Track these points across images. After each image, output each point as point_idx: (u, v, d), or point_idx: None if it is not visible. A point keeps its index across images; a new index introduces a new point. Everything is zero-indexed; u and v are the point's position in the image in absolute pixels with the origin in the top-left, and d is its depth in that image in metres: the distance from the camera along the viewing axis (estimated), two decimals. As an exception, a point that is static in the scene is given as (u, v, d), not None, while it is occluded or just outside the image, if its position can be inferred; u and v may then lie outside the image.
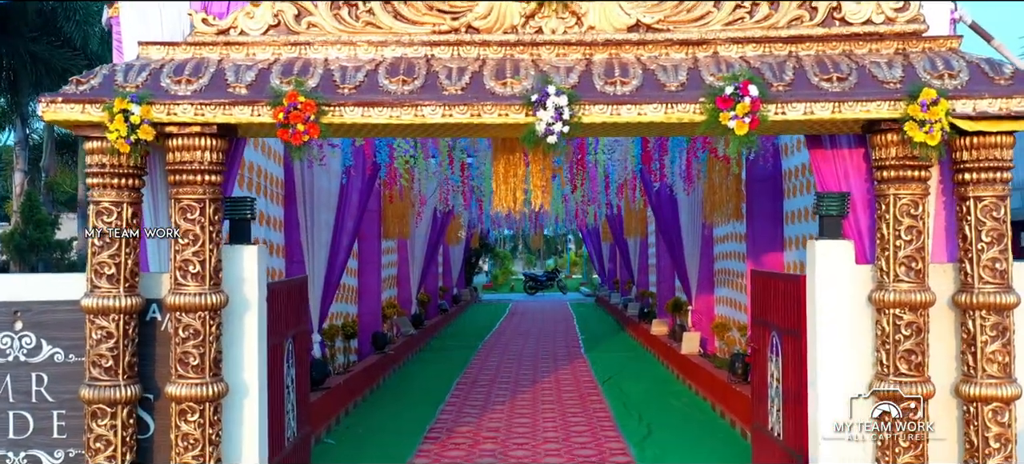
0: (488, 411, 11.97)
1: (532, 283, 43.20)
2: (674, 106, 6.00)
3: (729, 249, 14.73)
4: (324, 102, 5.98)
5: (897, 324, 6.08)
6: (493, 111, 6.01)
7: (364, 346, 15.41)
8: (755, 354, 8.27)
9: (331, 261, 11.32)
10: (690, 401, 12.60)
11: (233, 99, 6.03)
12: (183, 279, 6.11)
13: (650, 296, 22.50)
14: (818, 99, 5.99)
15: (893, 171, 6.09)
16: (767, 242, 11.34)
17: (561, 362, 17.16)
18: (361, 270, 15.80)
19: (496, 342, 21.06)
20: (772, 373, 7.69)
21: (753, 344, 8.29)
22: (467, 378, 15.07)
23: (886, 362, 6.12)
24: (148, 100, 5.96)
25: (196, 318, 6.10)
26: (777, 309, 7.51)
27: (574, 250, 63.34)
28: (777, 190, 11.34)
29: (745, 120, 5.88)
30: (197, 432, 6.12)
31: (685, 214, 15.50)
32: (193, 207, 6.11)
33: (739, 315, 13.89)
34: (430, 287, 24.25)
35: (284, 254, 11.24)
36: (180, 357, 6.13)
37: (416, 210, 17.06)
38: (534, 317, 28.60)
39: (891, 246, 6.10)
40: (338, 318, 14.29)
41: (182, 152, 6.08)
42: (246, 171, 9.68)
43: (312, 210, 11.23)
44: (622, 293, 27.48)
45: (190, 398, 6.10)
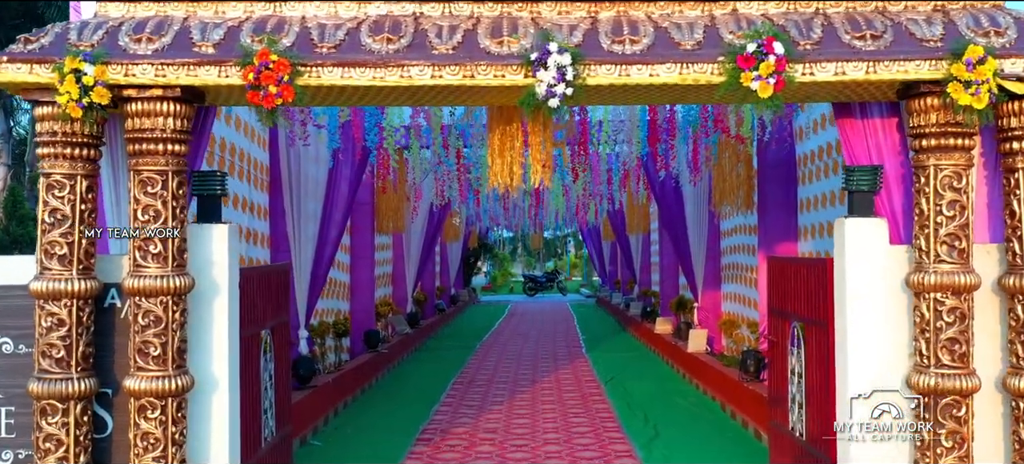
0: (485, 411, 11.35)
1: (532, 284, 42.61)
2: (690, 66, 5.38)
3: (737, 242, 14.11)
4: (299, 62, 5.37)
5: (938, 310, 5.45)
6: (488, 71, 5.39)
7: (356, 345, 14.79)
8: (772, 348, 7.65)
9: (318, 253, 10.70)
10: (698, 401, 11.97)
11: (199, 59, 5.41)
12: (143, 260, 5.48)
13: (653, 295, 21.89)
14: (850, 58, 5.38)
15: (933, 139, 5.47)
16: (780, 232, 10.73)
17: (562, 362, 16.53)
18: (353, 265, 15.20)
19: (494, 342, 20.44)
20: (793, 368, 7.06)
21: (770, 337, 7.66)
22: (464, 378, 14.44)
23: (926, 352, 5.50)
24: (104, 60, 5.35)
25: (157, 303, 5.47)
26: (799, 298, 6.89)
27: (574, 252, 62.78)
28: (791, 176, 10.73)
29: (769, 81, 5.27)
30: (158, 430, 5.49)
31: (690, 207, 14.88)
32: (154, 179, 5.49)
33: (749, 311, 13.27)
34: (427, 286, 23.63)
35: (269, 244, 10.63)
36: (139, 347, 5.50)
37: (411, 204, 16.42)
38: (534, 318, 27.98)
39: (931, 223, 5.48)
40: (329, 315, 13.68)
41: (142, 118, 5.46)
42: (227, 154, 9.07)
43: (298, 199, 10.62)
44: (623, 293, 26.85)
45: (150, 392, 5.47)
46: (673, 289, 18.69)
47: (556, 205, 18.53)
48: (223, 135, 8.92)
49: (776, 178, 10.74)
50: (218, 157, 8.81)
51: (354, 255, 15.19)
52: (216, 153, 8.76)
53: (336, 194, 10.68)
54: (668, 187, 14.60)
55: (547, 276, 44.88)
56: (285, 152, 10.57)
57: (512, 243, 61.02)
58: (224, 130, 8.95)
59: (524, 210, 23.37)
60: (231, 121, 9.20)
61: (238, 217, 9.42)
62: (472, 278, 39.96)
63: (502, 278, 50.25)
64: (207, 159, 8.51)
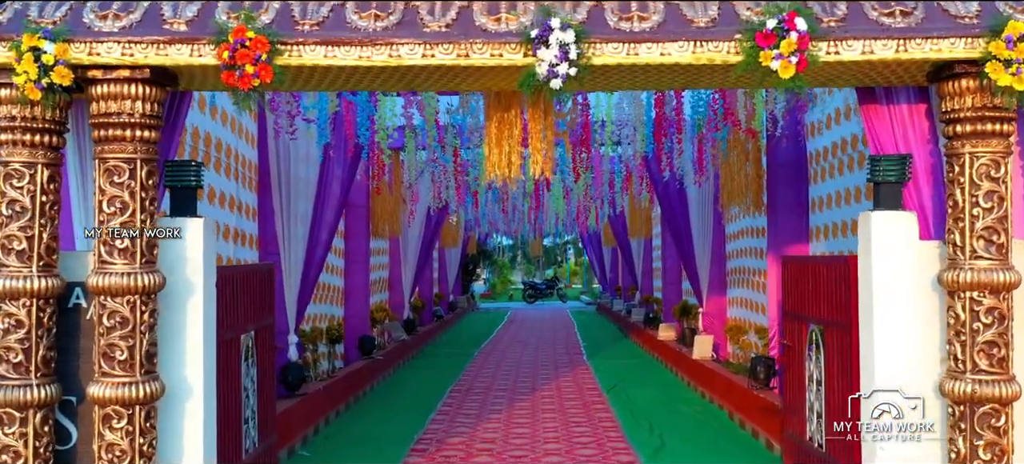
0: (483, 420, 10.90)
1: (531, 291, 42.15)
2: (704, 44, 4.95)
3: (743, 245, 13.67)
4: (279, 40, 4.93)
5: (975, 310, 5.01)
6: (484, 50, 4.95)
7: (350, 351, 14.35)
8: (787, 353, 7.20)
9: (309, 255, 10.25)
10: (705, 409, 11.51)
11: (170, 37, 4.97)
12: (108, 255, 5.04)
13: (655, 301, 21.44)
14: (879, 36, 4.94)
15: (969, 125, 5.03)
16: (791, 234, 10.29)
17: (562, 369, 16.07)
18: (348, 270, 14.75)
19: (494, 349, 19.97)
20: (811, 374, 6.62)
21: (785, 342, 7.21)
22: (462, 385, 13.98)
23: (961, 357, 5.05)
24: (66, 37, 4.91)
25: (124, 302, 5.02)
26: (817, 299, 6.45)
27: (574, 260, 62.32)
28: (801, 176, 10.30)
29: (791, 60, 4.83)
30: (124, 441, 5.04)
31: (695, 209, 14.45)
32: (121, 168, 5.04)
33: (756, 316, 12.83)
34: (425, 293, 23.18)
35: (258, 245, 10.20)
36: (104, 350, 5.05)
37: (408, 207, 15.98)
38: (533, 325, 27.51)
39: (966, 216, 5.04)
40: (322, 320, 13.23)
41: (108, 101, 5.03)
42: (213, 149, 8.64)
43: (288, 199, 10.18)
44: (625, 299, 26.40)
45: (116, 400, 5.01)
46: (676, 294, 18.26)
47: (556, 208, 18.06)
48: (208, 129, 8.50)
49: (786, 177, 10.30)
50: (202, 152, 8.37)
51: (348, 259, 14.74)
52: (201, 148, 8.32)
53: (327, 193, 10.23)
54: (672, 189, 14.16)
55: (547, 283, 44.42)
56: (274, 150, 10.13)
57: (512, 250, 60.60)
58: (210, 124, 8.53)
59: (524, 214, 22.90)
60: (217, 115, 8.77)
61: (225, 216, 8.98)
62: (471, 285, 39.50)
63: (501, 285, 49.80)
64: (190, 153, 8.07)
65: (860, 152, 8.50)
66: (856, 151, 8.63)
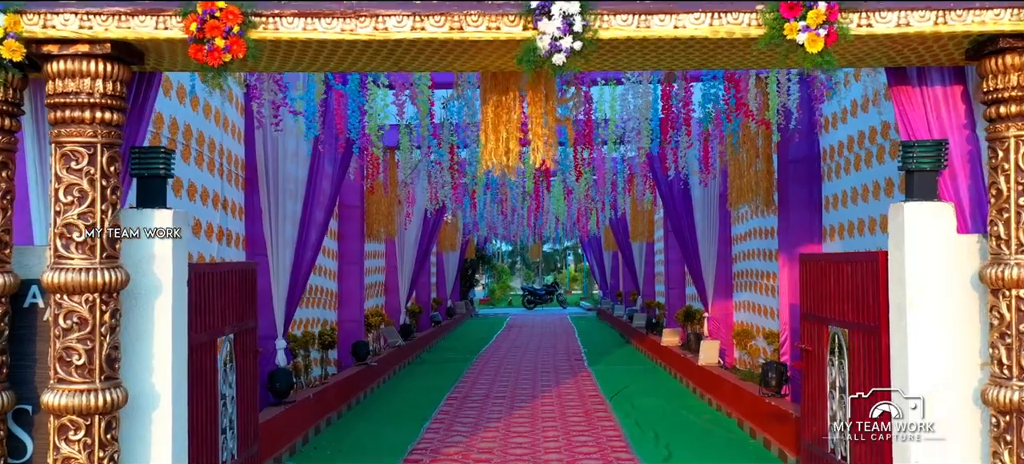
0: (481, 429, 10.41)
1: (531, 297, 41.66)
2: (722, 16, 4.48)
3: (751, 247, 13.21)
4: (253, 11, 4.47)
5: (1022, 310, 4.53)
6: (479, 22, 4.48)
7: (344, 357, 13.88)
8: (805, 359, 6.72)
9: (298, 256, 9.77)
10: (713, 418, 11.02)
11: (132, 8, 4.50)
12: (65, 249, 4.57)
13: (657, 306, 20.97)
14: (915, 7, 4.47)
15: (1014, 105, 4.56)
16: (803, 233, 9.83)
17: (563, 375, 15.58)
18: (342, 273, 14.29)
19: (492, 355, 19.48)
20: (833, 380, 6.14)
21: (803, 346, 6.74)
22: (459, 392, 13.49)
23: (1007, 361, 4.57)
24: (17, 8, 4.46)
25: (82, 301, 4.55)
26: (841, 300, 5.98)
27: (573, 265, 61.91)
28: (813, 173, 9.84)
29: (819, 33, 4.37)
30: (82, 455, 4.56)
31: (700, 211, 13.99)
32: (79, 153, 4.57)
33: (764, 321, 12.37)
34: (422, 297, 22.70)
35: (245, 246, 9.73)
36: (60, 355, 4.58)
37: (404, 208, 15.50)
38: (533, 330, 27.01)
39: (1012, 206, 4.57)
40: (314, 324, 12.77)
41: (65, 79, 4.56)
42: (194, 143, 8.17)
43: (277, 198, 9.71)
44: (626, 304, 25.91)
45: (73, 409, 4.54)
46: (679, 299, 17.79)
47: (556, 209, 17.57)
48: (189, 120, 8.03)
49: (797, 175, 9.84)
50: (182, 145, 7.91)
51: (342, 261, 14.29)
52: (180, 141, 7.86)
53: (317, 191, 9.76)
54: (676, 189, 13.71)
55: (546, 289, 43.94)
56: (262, 146, 9.67)
57: (511, 257, 60.18)
58: (190, 115, 8.06)
59: (523, 216, 22.40)
60: (199, 106, 8.31)
61: (208, 213, 8.52)
62: (470, 290, 39.01)
63: (501, 291, 49.29)
64: (169, 145, 7.61)
65: (879, 145, 8.04)
66: (875, 144, 8.17)
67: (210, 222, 8.61)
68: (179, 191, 7.54)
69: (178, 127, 7.82)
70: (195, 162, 8.22)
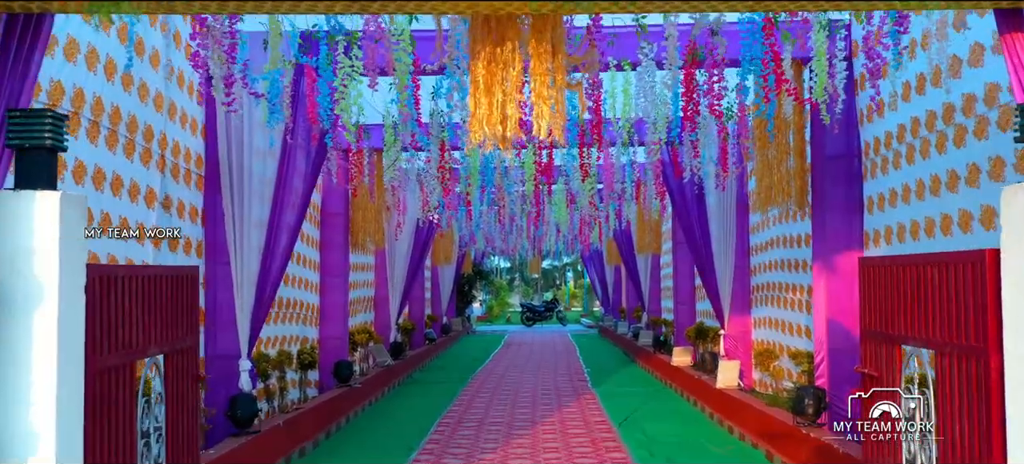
0: (476, 457, 9.20)
1: (530, 314, 40.39)
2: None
3: (773, 258, 12.01)
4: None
5: None
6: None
7: (326, 378, 12.66)
8: (868, 386, 5.50)
9: (265, 266, 8.56)
10: (737, 449, 9.78)
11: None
12: (-100, 242, 3.35)
13: (664, 323, 19.75)
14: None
15: None
16: (840, 239, 8.66)
17: (565, 398, 14.33)
18: (324, 286, 13.08)
19: (489, 375, 18.23)
20: (912, 414, 4.91)
21: (867, 371, 5.52)
22: (451, 416, 12.25)
23: None
24: None
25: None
26: (923, 312, 4.76)
27: (573, 282, 60.71)
28: (851, 171, 8.67)
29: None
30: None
31: (716, 222, 12.75)
32: (-81, 111, 3.37)
33: (790, 339, 11.16)
34: (416, 313, 21.47)
35: (203, 253, 8.53)
36: None
37: (393, 216, 14.25)
38: (532, 348, 25.75)
39: None
40: (292, 342, 11.56)
41: (-99, 11, 3.36)
42: (139, 137, 6.97)
43: (242, 200, 8.52)
44: (630, 321, 24.66)
45: (-94, 460, 3.32)
46: (689, 315, 16.57)
47: (557, 217, 16.33)
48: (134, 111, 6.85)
49: (833, 173, 8.67)
50: (125, 138, 6.72)
51: (325, 273, 13.08)
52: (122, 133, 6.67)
53: (287, 191, 8.54)
54: (690, 195, 12.50)
55: (546, 305, 42.66)
56: (225, 142, 8.49)
57: (510, 273, 59.05)
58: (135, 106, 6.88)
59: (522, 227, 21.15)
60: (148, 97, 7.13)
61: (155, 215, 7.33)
62: (468, 307, 37.75)
63: (499, 307, 48.04)
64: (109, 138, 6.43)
65: (941, 132, 6.85)
66: (933, 132, 6.98)
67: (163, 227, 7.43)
68: (98, 183, 6.32)
69: (121, 116, 6.64)
70: (138, 158, 7.02)
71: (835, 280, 8.59)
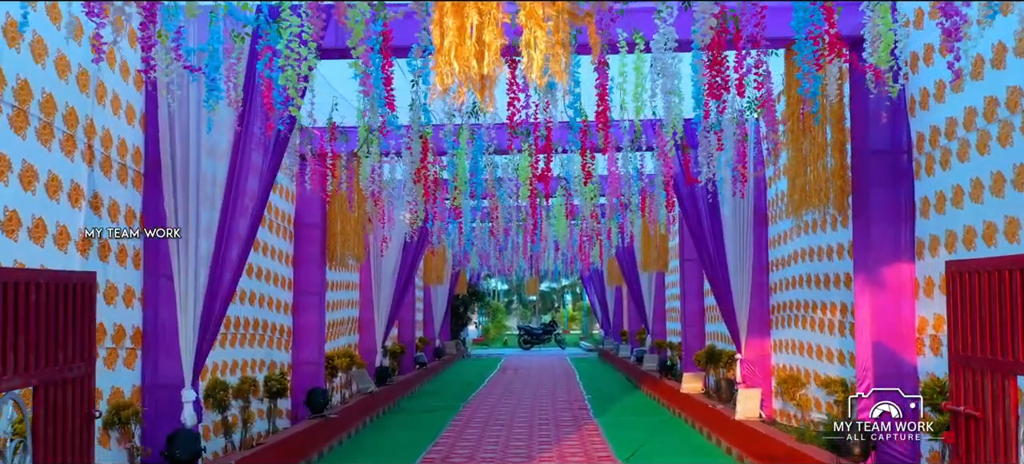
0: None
1: (527, 336, 39.05)
2: None
3: (797, 273, 10.77)
4: None
5: None
6: None
7: (299, 407, 11.40)
8: (962, 427, 4.24)
9: (214, 278, 7.30)
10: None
11: None
12: None
13: (670, 347, 18.48)
14: None
15: None
16: (887, 248, 7.45)
17: (565, 429, 13.03)
18: (297, 306, 11.84)
19: (483, 401, 16.92)
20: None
21: (962, 409, 4.26)
22: (439, 449, 10.97)
23: None
24: None
25: None
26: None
27: (572, 304, 59.46)
28: (899, 168, 7.47)
29: None
30: None
31: (731, 235, 11.49)
32: None
33: (819, 364, 9.91)
34: (405, 336, 20.18)
35: (141, 264, 7.30)
36: None
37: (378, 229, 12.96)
38: (530, 373, 24.41)
39: None
40: (259, 368, 10.32)
41: None
42: (58, 119, 5.75)
43: (188, 201, 7.30)
44: (632, 344, 23.36)
45: None
46: (698, 338, 15.33)
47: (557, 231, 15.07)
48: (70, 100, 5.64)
49: (881, 170, 7.47)
50: (39, 121, 5.50)
51: (297, 291, 11.84)
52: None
53: (239, 192, 7.28)
54: (702, 204, 11.25)
55: (544, 328, 41.32)
56: (168, 133, 7.27)
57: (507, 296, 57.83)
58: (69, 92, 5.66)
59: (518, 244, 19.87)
60: (86, 85, 5.91)
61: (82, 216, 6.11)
62: (463, 329, 36.41)
63: (496, 330, 46.67)
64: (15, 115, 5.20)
65: (1006, 121, 5.63)
66: (995, 122, 5.77)
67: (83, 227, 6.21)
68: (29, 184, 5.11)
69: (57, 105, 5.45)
70: (61, 149, 5.80)
71: (882, 296, 7.36)
